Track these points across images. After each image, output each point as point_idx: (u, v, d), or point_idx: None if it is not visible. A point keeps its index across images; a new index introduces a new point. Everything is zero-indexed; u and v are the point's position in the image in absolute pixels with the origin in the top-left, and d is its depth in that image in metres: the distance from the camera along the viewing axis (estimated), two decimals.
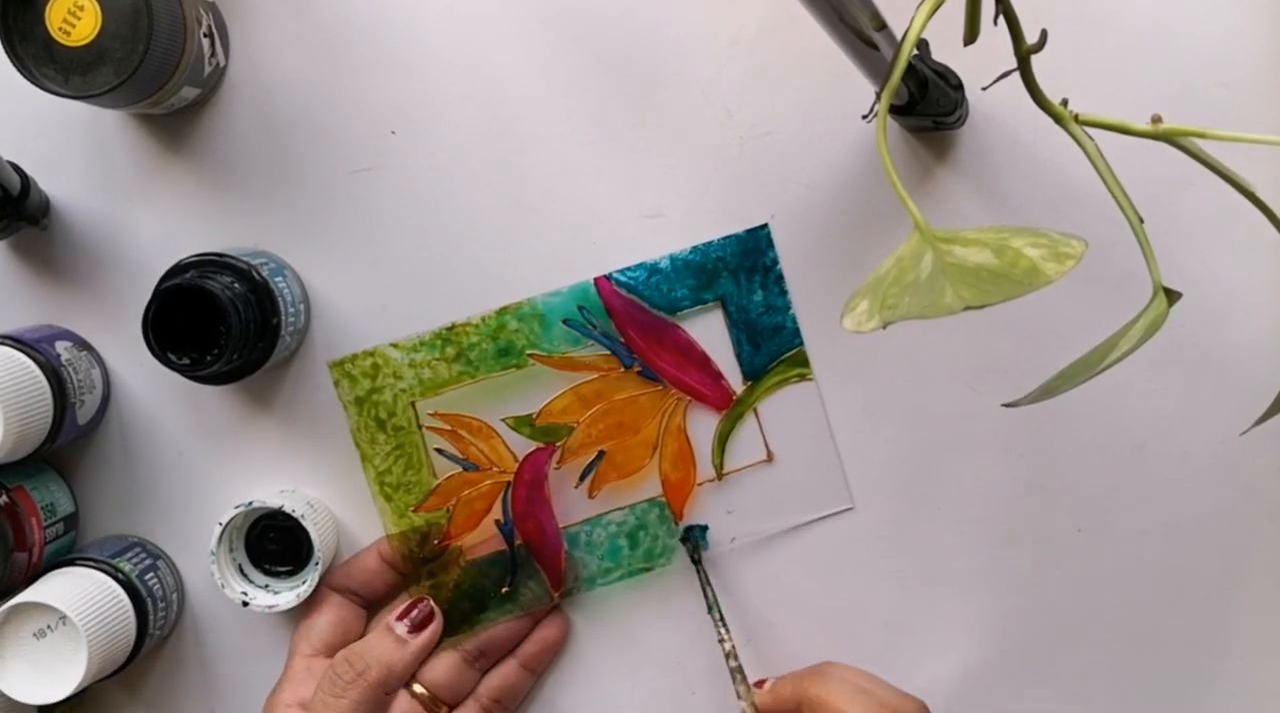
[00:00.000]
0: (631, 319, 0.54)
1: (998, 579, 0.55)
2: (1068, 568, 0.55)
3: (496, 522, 0.55)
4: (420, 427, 0.55)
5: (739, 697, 0.51)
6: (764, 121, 0.54)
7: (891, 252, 0.37)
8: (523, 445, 0.55)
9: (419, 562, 0.55)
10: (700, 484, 0.55)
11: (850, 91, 0.52)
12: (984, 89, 0.42)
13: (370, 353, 0.55)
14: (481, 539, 0.55)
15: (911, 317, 0.33)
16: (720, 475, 0.55)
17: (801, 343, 0.54)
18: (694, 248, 0.54)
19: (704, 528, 0.55)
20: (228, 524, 0.53)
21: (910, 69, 0.47)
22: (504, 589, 0.55)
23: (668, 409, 0.55)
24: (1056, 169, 0.53)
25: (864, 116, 0.52)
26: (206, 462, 0.56)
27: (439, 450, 0.55)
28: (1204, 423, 0.54)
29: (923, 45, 0.51)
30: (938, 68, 0.50)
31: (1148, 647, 0.55)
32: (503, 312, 0.54)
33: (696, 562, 0.54)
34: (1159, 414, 0.54)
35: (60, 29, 0.47)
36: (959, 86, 0.51)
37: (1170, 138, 0.40)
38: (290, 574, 0.55)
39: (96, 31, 0.47)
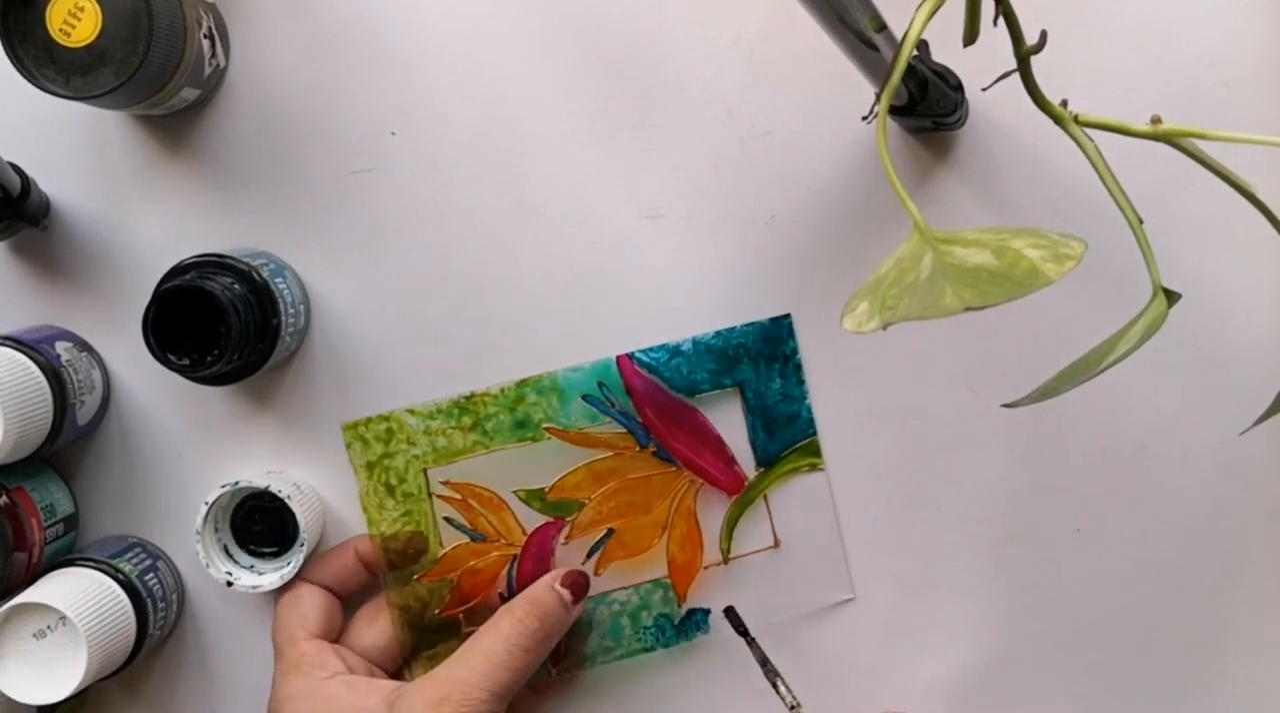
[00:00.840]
0: (650, 399, 0.54)
1: (998, 579, 0.55)
2: (1068, 568, 0.55)
3: (500, 594, 0.55)
4: (430, 495, 0.55)
5: None
6: (764, 121, 0.54)
7: (891, 252, 0.37)
8: (532, 519, 0.55)
9: (421, 631, 0.54)
10: (706, 568, 0.55)
11: (850, 92, 0.52)
12: (984, 90, 0.42)
13: (385, 417, 0.54)
14: (484, 612, 0.55)
15: (911, 317, 0.33)
16: (726, 560, 0.55)
17: (815, 433, 0.54)
18: (716, 332, 0.54)
19: (706, 612, 0.55)
20: (213, 504, 0.53)
21: (910, 70, 0.47)
22: None
23: (679, 491, 0.55)
24: (1056, 170, 0.53)
25: (864, 117, 0.52)
26: (206, 462, 0.56)
27: (447, 519, 0.55)
28: (1204, 423, 0.54)
29: (922, 46, 0.51)
30: (937, 68, 0.50)
31: (1148, 647, 0.55)
32: (522, 384, 0.54)
33: (746, 637, 0.54)
34: (1159, 414, 0.54)
35: (61, 30, 0.47)
36: (959, 87, 0.51)
37: (1170, 138, 0.40)
38: (275, 556, 0.55)
39: (97, 32, 0.47)
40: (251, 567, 0.54)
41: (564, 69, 0.54)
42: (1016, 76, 0.40)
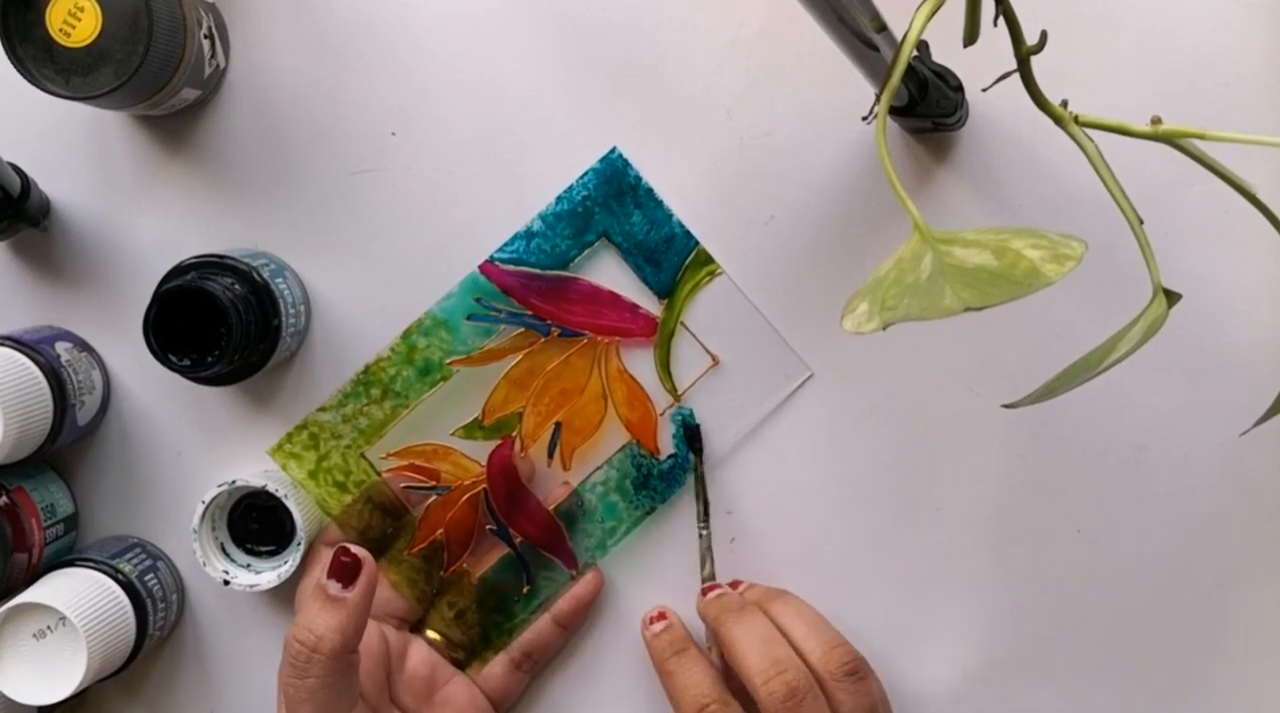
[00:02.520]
0: (529, 289, 0.54)
1: (998, 579, 0.55)
2: (1068, 568, 0.55)
3: (490, 529, 0.55)
4: (379, 474, 0.55)
5: (702, 577, 0.52)
6: (764, 122, 0.54)
7: (891, 253, 0.37)
8: (482, 450, 0.55)
9: (435, 597, 0.55)
10: (663, 413, 0.55)
11: (850, 92, 0.52)
12: (984, 90, 0.42)
13: (303, 426, 0.55)
14: (483, 552, 0.55)
15: (911, 318, 0.33)
16: (678, 397, 0.55)
17: (697, 243, 0.54)
18: (558, 198, 0.54)
19: (689, 412, 0.55)
20: (210, 503, 0.53)
21: (910, 70, 0.47)
22: (525, 590, 0.55)
23: (600, 357, 0.54)
24: (1056, 170, 0.53)
25: (864, 118, 0.52)
26: (206, 463, 0.56)
27: (407, 488, 0.55)
28: (1204, 423, 0.54)
29: (923, 46, 0.51)
30: (937, 69, 0.50)
31: (1148, 647, 0.55)
32: (407, 334, 0.54)
33: (698, 451, 0.54)
34: (1159, 415, 0.54)
35: (60, 30, 0.47)
36: (959, 88, 0.51)
37: (1170, 139, 0.40)
38: (272, 554, 0.55)
39: (97, 33, 0.47)
40: (248, 566, 0.54)
41: (564, 69, 0.54)
42: (1016, 77, 0.40)
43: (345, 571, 0.46)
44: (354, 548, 0.47)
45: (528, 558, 0.55)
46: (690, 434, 0.54)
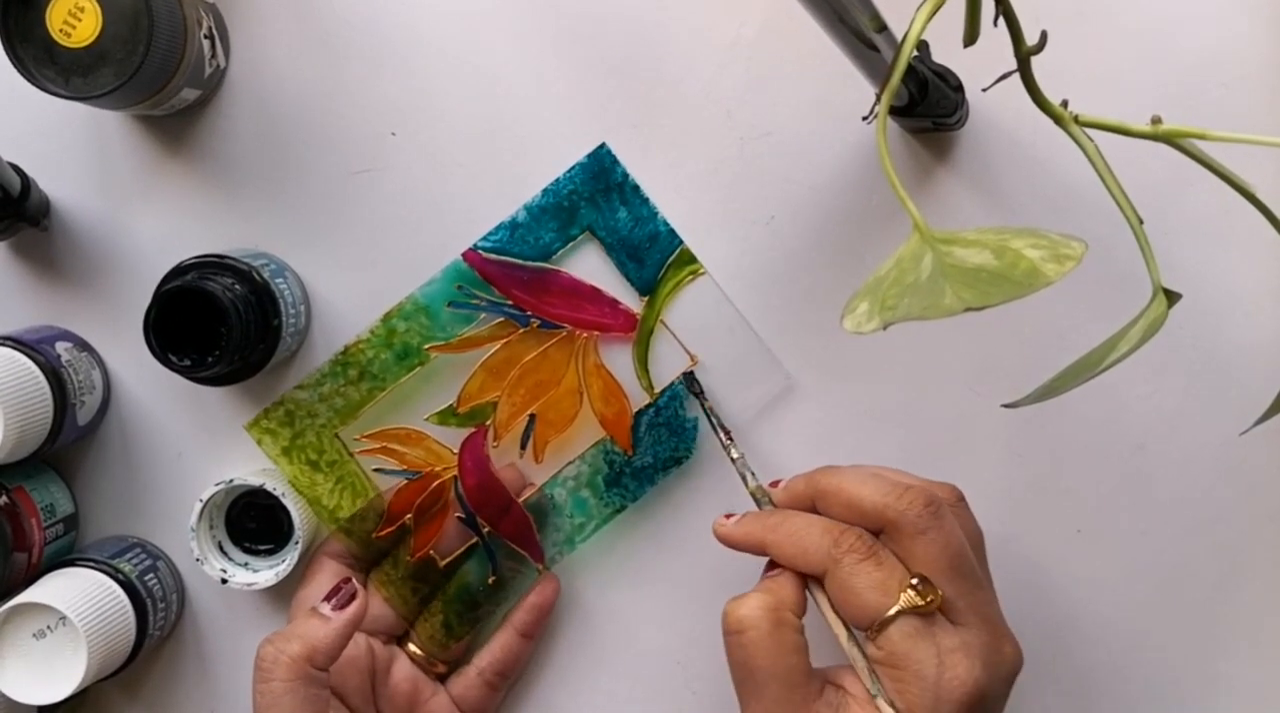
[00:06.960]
0: (511, 279, 0.54)
1: (998, 579, 0.55)
2: (1068, 568, 0.55)
3: (459, 518, 0.55)
4: (352, 454, 0.55)
5: (750, 492, 0.50)
6: (764, 122, 0.54)
7: (891, 253, 0.37)
8: (455, 437, 0.55)
9: (400, 583, 0.54)
10: (639, 411, 0.55)
11: (850, 93, 0.52)
12: (984, 90, 0.42)
13: (280, 403, 0.55)
14: (452, 540, 0.55)
15: (912, 318, 0.33)
16: (654, 396, 0.55)
17: (681, 242, 0.54)
18: (544, 191, 0.54)
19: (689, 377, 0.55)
20: (208, 501, 0.53)
21: (910, 70, 0.47)
22: (491, 580, 0.55)
23: (578, 351, 0.54)
24: (1056, 170, 0.53)
25: (864, 118, 0.52)
26: (207, 463, 0.56)
27: (378, 470, 0.55)
28: (1204, 423, 0.54)
29: (923, 46, 0.51)
30: (938, 69, 0.50)
31: (1148, 647, 0.55)
32: (387, 317, 0.54)
33: (699, 394, 0.54)
34: (1159, 415, 0.54)
35: (61, 30, 0.47)
36: (959, 88, 0.51)
37: (1170, 139, 0.40)
38: (270, 553, 0.55)
39: (97, 33, 0.47)
40: (246, 564, 0.54)
41: (564, 69, 0.54)
42: (1016, 77, 0.40)
43: (342, 598, 0.49)
44: (357, 584, 0.49)
45: (494, 549, 0.55)
46: (690, 384, 0.54)
